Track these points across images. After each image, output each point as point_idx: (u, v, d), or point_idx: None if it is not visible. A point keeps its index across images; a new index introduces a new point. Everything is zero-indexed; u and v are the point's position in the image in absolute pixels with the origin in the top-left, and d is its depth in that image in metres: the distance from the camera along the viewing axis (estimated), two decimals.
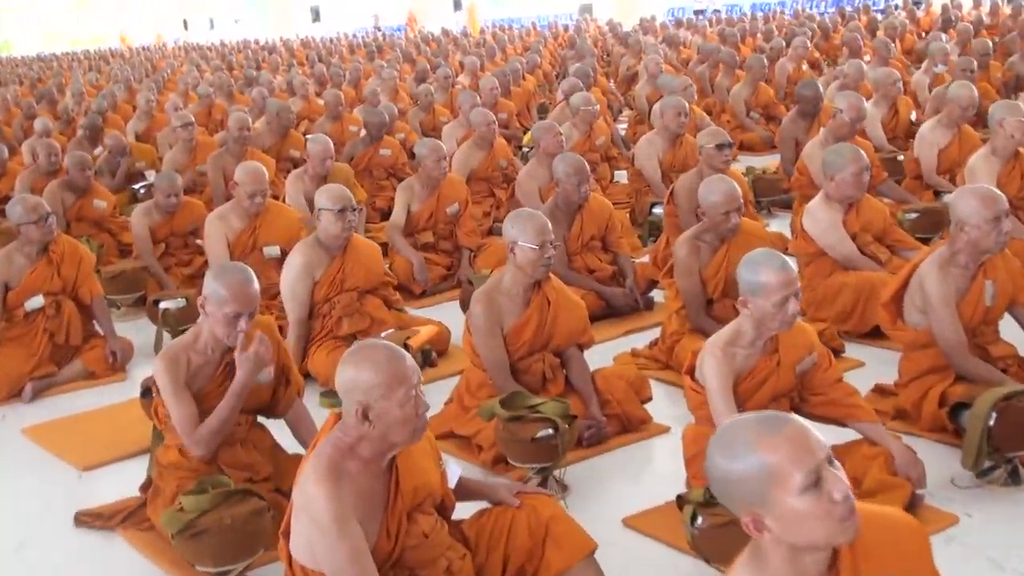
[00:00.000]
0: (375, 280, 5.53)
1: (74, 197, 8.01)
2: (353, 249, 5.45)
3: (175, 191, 7.10)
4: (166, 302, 6.06)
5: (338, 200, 5.33)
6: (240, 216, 6.34)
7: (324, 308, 5.41)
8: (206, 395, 3.82)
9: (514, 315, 4.47)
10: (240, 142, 8.72)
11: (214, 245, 6.30)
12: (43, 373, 5.63)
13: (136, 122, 12.91)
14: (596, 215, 6.17)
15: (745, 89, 11.42)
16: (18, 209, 5.60)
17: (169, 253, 7.30)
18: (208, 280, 3.75)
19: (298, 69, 18.91)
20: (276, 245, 6.37)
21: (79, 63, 31.46)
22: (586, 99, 9.02)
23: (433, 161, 6.85)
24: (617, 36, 21.91)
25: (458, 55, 21.22)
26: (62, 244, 5.76)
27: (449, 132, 9.87)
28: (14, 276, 5.66)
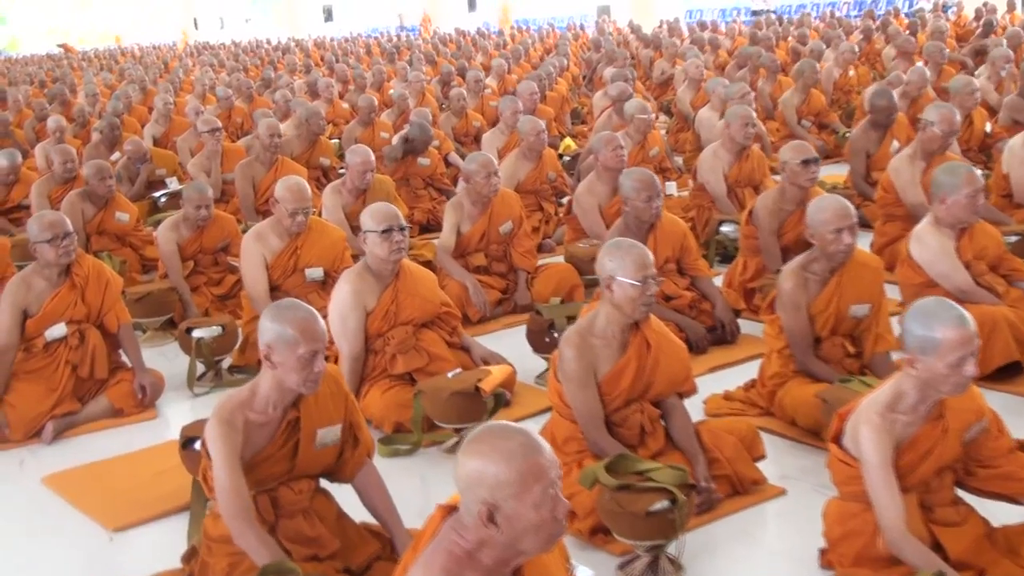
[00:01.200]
0: (431, 311, 4.96)
1: (94, 209, 7.46)
2: (406, 276, 4.89)
3: (206, 202, 6.54)
4: (200, 330, 5.49)
5: (383, 219, 4.78)
6: (280, 235, 5.78)
7: (377, 343, 4.84)
8: (264, 460, 3.26)
9: (609, 360, 3.90)
10: (271, 150, 8.17)
11: (251, 268, 5.74)
12: (65, 411, 5.06)
13: (154, 125, 12.35)
14: (670, 235, 5.60)
15: (796, 96, 10.84)
16: (34, 227, 5.05)
17: (198, 271, 6.75)
18: (266, 326, 3.19)
19: (318, 71, 18.32)
20: (319, 267, 5.83)
21: (89, 62, 30.92)
22: (641, 106, 8.44)
23: (483, 177, 6.27)
24: (642, 38, 21.31)
25: (479, 56, 20.68)
26: (86, 266, 5.20)
27: (489, 141, 9.29)
28: (33, 302, 5.10)
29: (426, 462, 4.49)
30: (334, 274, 5.83)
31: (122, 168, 9.81)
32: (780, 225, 5.98)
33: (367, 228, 4.75)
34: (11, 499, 4.55)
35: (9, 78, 24.06)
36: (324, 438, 3.34)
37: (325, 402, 3.34)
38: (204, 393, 5.47)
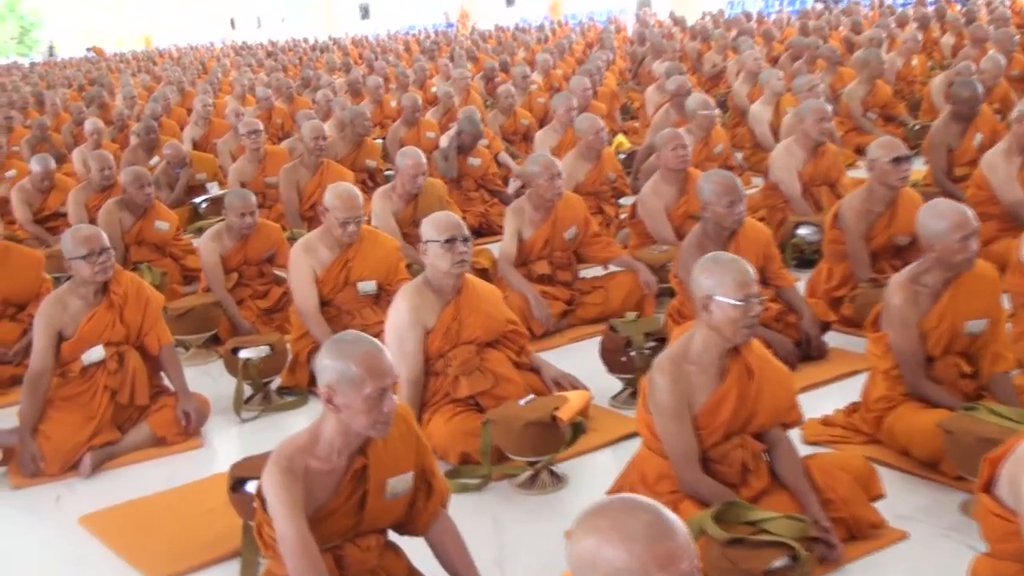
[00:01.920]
0: (496, 328, 4.54)
1: (133, 218, 7.12)
2: (469, 291, 4.47)
3: (250, 209, 6.17)
4: (247, 351, 5.10)
5: (445, 228, 4.36)
6: (330, 246, 5.39)
7: (438, 365, 4.43)
8: (328, 515, 2.87)
9: (706, 390, 3.47)
10: (315, 153, 7.80)
11: (301, 282, 5.35)
12: (104, 440, 4.69)
13: (193, 128, 12.03)
14: (753, 242, 5.15)
15: (861, 87, 10.31)
16: (68, 242, 4.68)
17: (243, 283, 6.37)
18: (327, 364, 2.78)
19: (358, 69, 17.96)
20: (372, 280, 5.45)
21: (126, 64, 30.79)
22: (703, 101, 7.99)
23: (546, 180, 5.84)
24: (688, 30, 20.77)
25: (520, 52, 20.24)
26: (124, 283, 4.83)
27: (542, 140, 8.86)
28: (69, 323, 4.74)
29: (497, 499, 4.07)
30: (388, 287, 5.46)
31: (161, 173, 9.51)
32: (869, 228, 5.52)
33: (428, 238, 4.34)
34: (47, 541, 4.19)
35: (47, 81, 23.89)
36: (395, 487, 2.93)
37: (395, 446, 2.94)
38: (252, 418, 5.09)
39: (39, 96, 17.68)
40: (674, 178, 6.48)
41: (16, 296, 5.89)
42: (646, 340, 4.72)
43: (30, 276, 5.91)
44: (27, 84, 22.77)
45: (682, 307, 5.13)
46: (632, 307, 5.94)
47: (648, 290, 5.95)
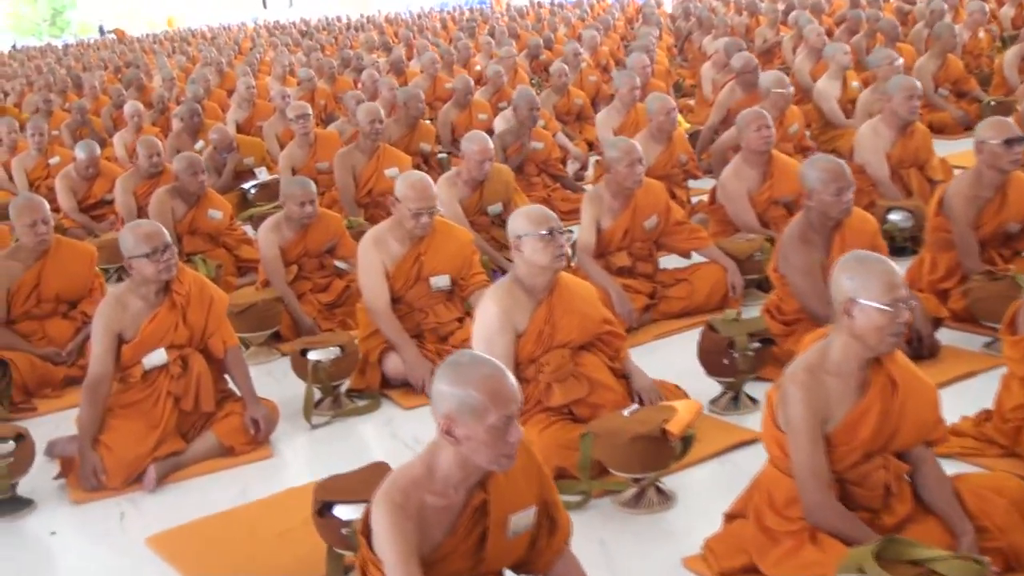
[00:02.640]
0: (592, 330, 4.19)
1: (185, 207, 6.84)
2: (562, 290, 4.12)
3: (310, 198, 5.86)
4: (317, 352, 4.78)
5: (543, 219, 4.01)
6: (400, 239, 5.06)
7: (529, 371, 4.08)
8: (445, 556, 2.55)
9: (846, 404, 3.12)
10: (372, 136, 7.46)
11: (371, 277, 5.03)
12: (168, 451, 4.39)
13: (236, 111, 11.71)
14: (860, 234, 4.75)
15: (932, 62, 9.83)
16: (129, 239, 4.36)
17: (303, 276, 6.06)
18: (444, 391, 2.47)
19: (399, 48, 17.58)
20: (446, 274, 5.11)
21: (160, 45, 30.52)
22: (778, 79, 7.58)
23: (626, 166, 5.48)
24: (731, 4, 20.23)
25: (561, 28, 19.80)
26: (187, 282, 4.52)
27: (604, 120, 8.49)
28: (129, 325, 4.43)
29: (602, 519, 3.73)
30: (462, 282, 5.13)
31: (207, 158, 9.17)
32: (977, 215, 5.12)
33: (522, 231, 3.99)
34: (112, 564, 3.90)
35: (83, 63, 23.65)
36: (517, 524, 2.61)
37: (517, 480, 2.61)
38: (323, 424, 4.78)
39: (76, 79, 17.43)
40: (757, 160, 6.10)
41: (68, 292, 5.60)
42: (750, 341, 4.35)
43: (82, 271, 5.63)
44: (61, 66, 22.55)
45: (781, 303, 4.77)
46: (718, 300, 5.62)
47: (734, 292, 5.59)
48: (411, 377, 4.91)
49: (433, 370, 4.86)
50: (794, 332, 4.64)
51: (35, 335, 5.54)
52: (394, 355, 4.98)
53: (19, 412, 5.21)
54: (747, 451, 4.07)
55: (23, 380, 5.30)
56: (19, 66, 24.27)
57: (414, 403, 4.83)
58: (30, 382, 5.35)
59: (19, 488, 4.25)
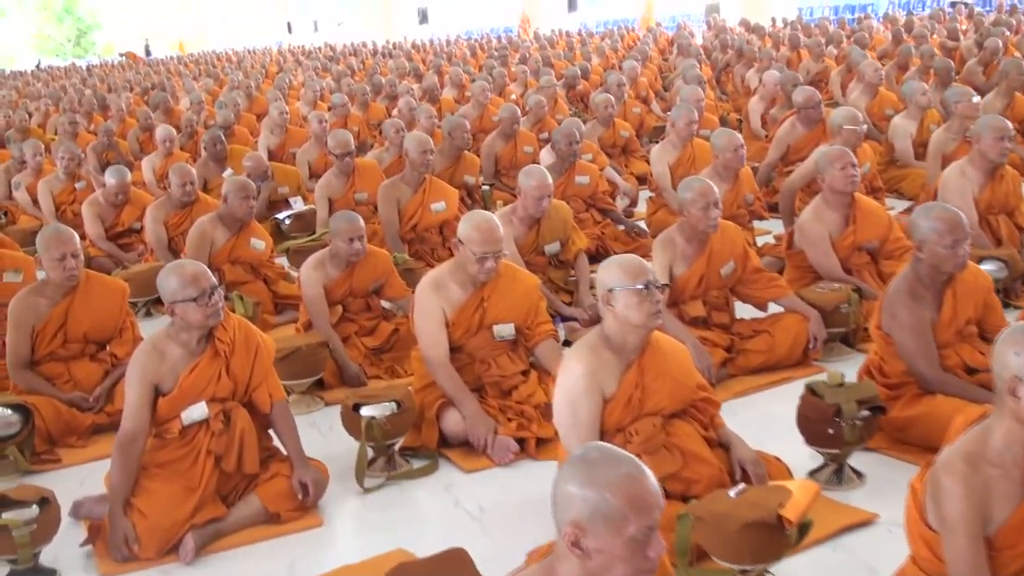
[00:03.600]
0: (686, 397, 3.75)
1: (228, 234, 6.48)
2: (654, 351, 3.68)
3: (358, 233, 5.47)
4: (371, 407, 4.34)
5: (638, 272, 3.58)
6: (462, 283, 4.63)
7: (616, 440, 3.63)
8: None
9: (1011, 500, 2.68)
10: (421, 168, 7.07)
11: (429, 325, 4.60)
12: (208, 517, 3.94)
13: (268, 136, 11.34)
14: (974, 289, 4.31)
15: (998, 100, 9.40)
16: (172, 282, 3.94)
17: (348, 318, 5.66)
18: (573, 494, 2.07)
19: (432, 75, 17.22)
20: (510, 323, 4.68)
21: (185, 67, 30.32)
22: (850, 115, 7.13)
23: (701, 209, 5.05)
24: (766, 37, 19.86)
25: (594, 58, 19.43)
26: (231, 328, 4.08)
27: (659, 156, 8.05)
28: (167, 376, 4.00)
29: None
30: (527, 331, 4.70)
31: None
32: None
33: (614, 284, 3.55)
34: None
35: (108, 84, 23.41)
36: None
37: None
38: (376, 487, 4.33)
39: (102, 100, 17.14)
40: (839, 202, 5.66)
41: (97, 332, 5.19)
42: (859, 409, 3.89)
43: (113, 309, 5.22)
44: (86, 87, 22.32)
45: (884, 364, 4.31)
46: (800, 355, 5.17)
47: (814, 345, 5.14)
48: (472, 436, 4.47)
49: (496, 428, 4.52)
50: (899, 396, 4.21)
51: (60, 378, 5.13)
52: (453, 411, 4.54)
53: (42, 463, 4.79)
54: (861, 536, 3.62)
55: (47, 428, 4.89)
56: (43, 86, 24.01)
57: (476, 465, 4.39)
58: (54, 430, 4.93)
59: (41, 556, 3.81)
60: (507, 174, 9.52)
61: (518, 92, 14.73)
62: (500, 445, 4.42)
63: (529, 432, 4.48)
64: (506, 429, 4.48)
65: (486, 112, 12.08)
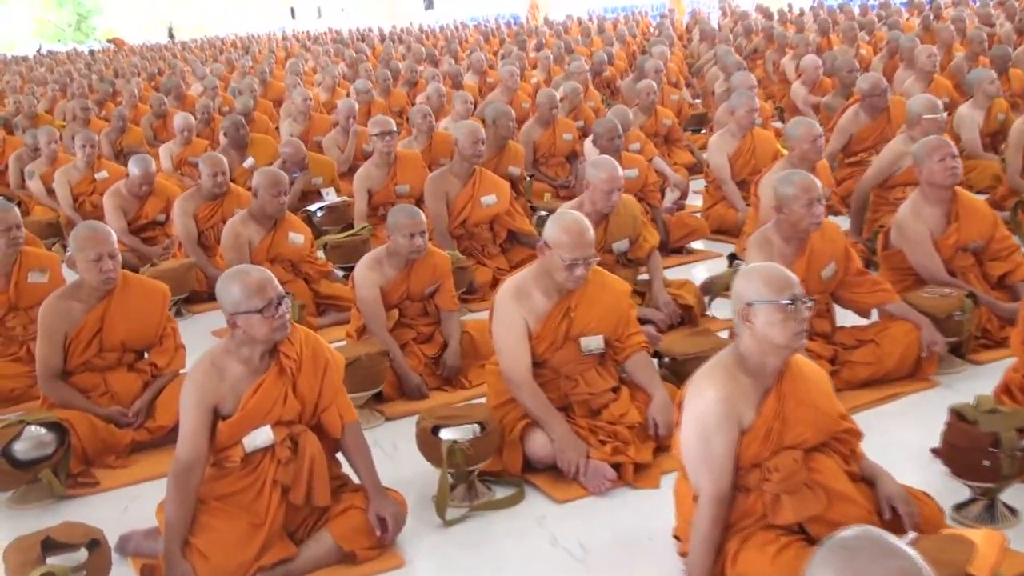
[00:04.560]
0: (829, 427, 3.28)
1: (263, 231, 6.01)
2: (794, 375, 3.21)
3: (419, 228, 5.02)
4: (452, 431, 3.87)
5: (783, 285, 3.13)
6: (546, 291, 4.16)
7: (751, 478, 3.17)
8: None
9: None
10: (472, 160, 6.60)
11: (511, 337, 4.14)
12: (277, 558, 3.48)
13: (290, 124, 10.84)
14: None
15: None
16: (234, 291, 3.47)
17: (404, 323, 5.20)
18: None
19: (450, 61, 16.71)
20: (599, 334, 4.20)
21: (190, 52, 29.74)
22: (930, 103, 6.65)
23: (804, 206, 4.58)
24: (795, 23, 19.34)
25: (615, 44, 18.91)
26: (299, 342, 3.62)
27: (718, 145, 7.58)
28: (228, 396, 3.54)
29: None
30: (617, 344, 4.24)
31: None
32: None
33: (755, 297, 3.09)
34: None
35: (114, 69, 22.85)
36: None
37: None
38: (458, 519, 3.86)
39: (112, 85, 16.60)
40: (939, 197, 5.19)
41: (136, 339, 4.72)
42: (1020, 438, 3.42)
43: (153, 314, 4.74)
44: (92, 72, 21.77)
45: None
46: (910, 366, 4.70)
47: (928, 352, 4.68)
48: (562, 460, 4.00)
49: (588, 452, 4.06)
50: None
51: (96, 390, 4.66)
52: (539, 432, 4.07)
53: (78, 487, 4.32)
54: None
55: (82, 446, 4.42)
56: (48, 72, 23.45)
57: (569, 495, 3.93)
58: (91, 448, 4.46)
59: None
60: (546, 163, 9.07)
61: (540, 78, 14.24)
62: (594, 471, 3.95)
63: (626, 456, 4.01)
64: (599, 453, 4.01)
65: (515, 98, 11.62)
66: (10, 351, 5.43)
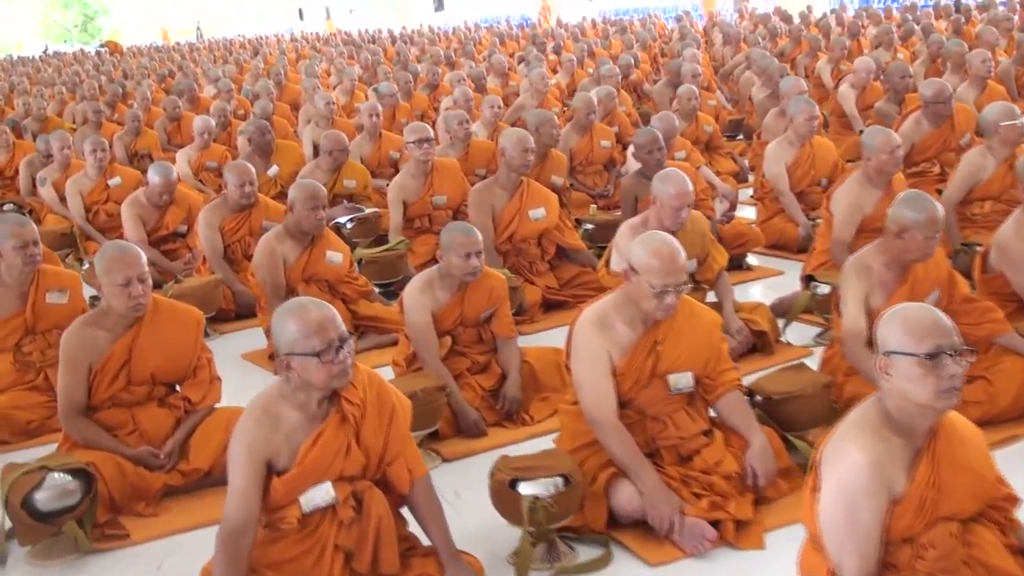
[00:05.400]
0: (987, 494, 2.83)
1: (299, 248, 5.56)
2: (948, 434, 2.76)
3: (476, 248, 4.57)
4: (533, 484, 3.41)
5: (929, 332, 2.66)
6: (631, 322, 3.72)
7: (902, 555, 2.72)
8: None
9: None
10: (520, 170, 6.15)
11: (594, 373, 3.69)
12: None
13: (312, 129, 10.38)
14: None
15: None
16: (289, 329, 3.03)
17: (458, 351, 4.77)
18: None
19: (469, 62, 16.26)
20: (688, 371, 3.74)
21: (198, 53, 29.31)
22: (1007, 111, 6.18)
23: (925, 238, 4.13)
24: (821, 27, 18.87)
25: (634, 47, 18.45)
26: (362, 385, 3.17)
27: (775, 155, 7.12)
28: (283, 449, 3.10)
29: None
30: (708, 381, 3.79)
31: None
32: None
33: (894, 346, 2.65)
34: None
35: (122, 71, 22.40)
36: None
37: None
38: None
39: (120, 86, 16.15)
40: None
41: (167, 371, 4.26)
42: None
43: (186, 343, 4.28)
44: (100, 73, 21.34)
45: None
46: None
47: None
48: (653, 516, 3.54)
49: (682, 507, 3.62)
50: None
51: (123, 428, 4.20)
52: (626, 483, 3.61)
53: (106, 540, 3.86)
54: None
55: (109, 492, 3.97)
56: (56, 73, 23.01)
57: (663, 557, 3.47)
58: (118, 494, 4.01)
59: None
60: (583, 171, 8.64)
61: (563, 81, 13.81)
62: (692, 530, 3.50)
63: (725, 512, 3.56)
64: (696, 508, 3.56)
65: (545, 102, 11.17)
66: (26, 378, 4.99)
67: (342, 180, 7.94)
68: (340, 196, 7.83)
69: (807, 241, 6.76)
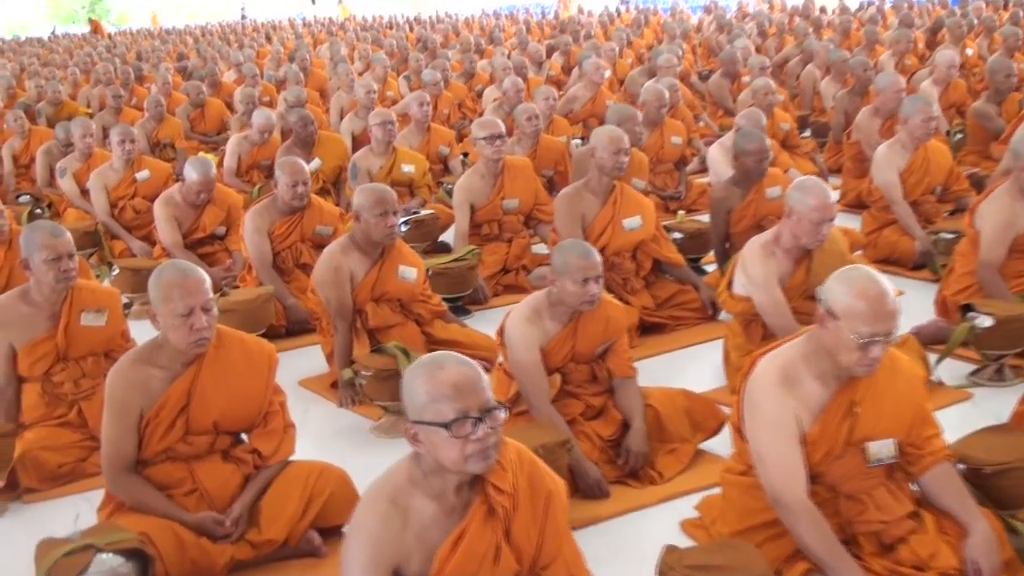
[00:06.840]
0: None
1: (368, 262, 4.82)
2: None
3: (595, 272, 3.89)
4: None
5: None
6: (823, 379, 3.02)
7: None
8: None
9: None
10: (613, 174, 5.48)
11: (782, 443, 2.97)
12: None
13: (351, 120, 9.58)
14: None
15: None
16: (419, 393, 2.34)
17: (569, 392, 4.10)
18: None
19: (503, 50, 15.49)
20: (889, 439, 3.04)
21: (206, 37, 28.45)
22: None
23: None
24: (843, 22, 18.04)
25: (666, 39, 17.65)
26: (511, 466, 2.46)
27: (887, 160, 6.29)
28: (415, 554, 2.39)
29: None
30: (911, 450, 3.07)
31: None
32: None
33: None
34: None
35: (136, 53, 21.59)
36: None
37: None
38: None
39: (138, 70, 15.38)
40: None
41: (233, 418, 3.51)
42: None
43: (256, 383, 3.53)
44: (113, 55, 20.54)
45: None
46: None
47: None
48: None
49: None
50: None
51: (180, 487, 3.45)
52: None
53: None
54: None
55: (166, 570, 3.22)
56: (67, 55, 22.20)
57: None
58: (176, 572, 3.26)
59: None
60: (652, 171, 7.85)
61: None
62: None
63: None
64: None
65: (599, 94, 10.42)
66: (56, 413, 4.25)
67: (399, 165, 7.17)
68: (398, 184, 7.02)
69: (924, 257, 6.05)
